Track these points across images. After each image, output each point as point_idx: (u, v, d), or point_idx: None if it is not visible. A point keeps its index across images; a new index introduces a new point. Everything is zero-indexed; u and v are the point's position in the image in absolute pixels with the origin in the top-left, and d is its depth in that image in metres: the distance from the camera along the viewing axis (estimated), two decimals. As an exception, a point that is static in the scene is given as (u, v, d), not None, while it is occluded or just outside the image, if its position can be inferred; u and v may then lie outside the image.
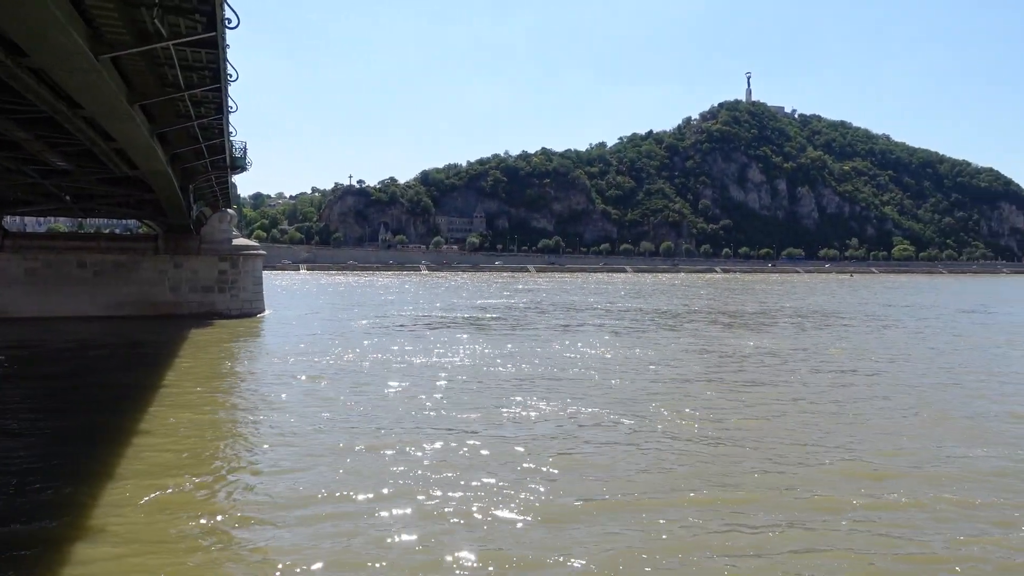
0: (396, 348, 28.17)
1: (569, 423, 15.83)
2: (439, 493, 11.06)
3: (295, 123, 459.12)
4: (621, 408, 17.24)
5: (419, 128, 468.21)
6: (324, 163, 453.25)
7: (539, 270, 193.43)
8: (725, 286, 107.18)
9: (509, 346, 29.24)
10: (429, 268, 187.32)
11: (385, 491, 11.06)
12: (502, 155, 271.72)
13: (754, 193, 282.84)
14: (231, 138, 31.96)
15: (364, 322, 39.98)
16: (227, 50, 17.81)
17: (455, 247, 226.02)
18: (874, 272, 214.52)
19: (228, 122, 27.18)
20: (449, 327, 37.61)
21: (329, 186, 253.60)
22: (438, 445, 13.65)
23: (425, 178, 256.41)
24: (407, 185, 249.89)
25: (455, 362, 24.55)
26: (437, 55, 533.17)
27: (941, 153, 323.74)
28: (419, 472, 12.01)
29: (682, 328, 38.72)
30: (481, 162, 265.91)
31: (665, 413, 16.78)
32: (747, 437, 14.70)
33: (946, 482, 12.09)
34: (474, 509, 10.43)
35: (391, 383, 20.19)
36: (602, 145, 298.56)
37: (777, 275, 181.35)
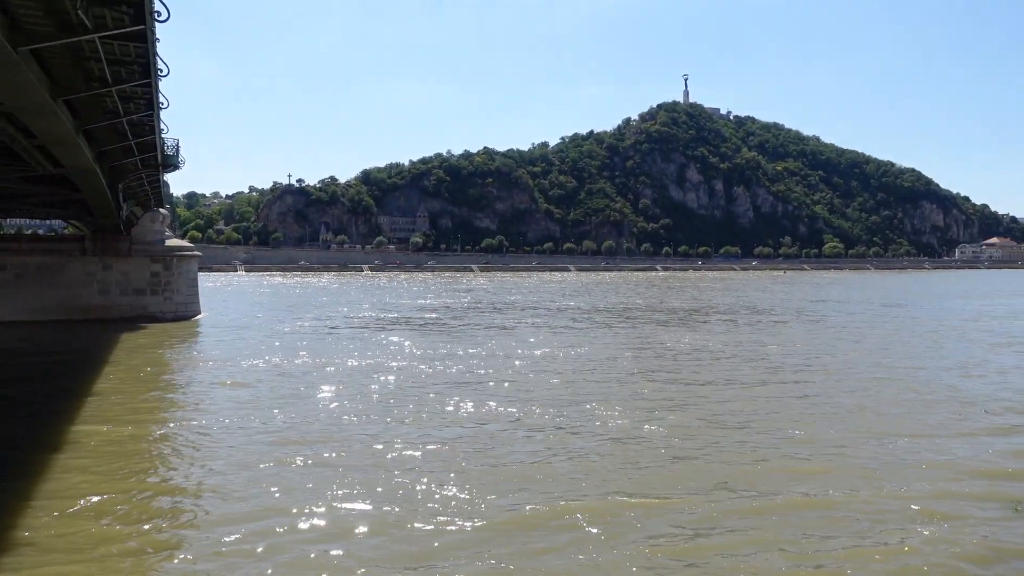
0: (331, 351, 27.79)
1: (500, 424, 15.70)
2: (365, 500, 10.76)
3: (231, 121, 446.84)
4: (554, 407, 17.25)
5: (360, 127, 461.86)
6: (262, 162, 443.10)
7: (483, 269, 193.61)
8: (664, 284, 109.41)
9: (444, 347, 29.09)
10: (372, 268, 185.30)
11: (311, 501, 10.68)
12: (444, 154, 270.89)
13: (692, 193, 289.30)
14: (163, 135, 31.07)
15: (301, 324, 39.39)
16: (157, 44, 17.38)
17: (398, 247, 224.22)
18: (806, 269, 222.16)
19: (159, 118, 26.46)
20: (386, 328, 37.27)
21: (267, 185, 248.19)
22: (367, 450, 13.41)
23: (367, 177, 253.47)
24: (348, 184, 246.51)
25: (388, 364, 24.30)
26: (377, 53, 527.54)
27: (868, 154, 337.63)
28: (346, 479, 11.71)
29: (618, 326, 39.29)
30: (423, 161, 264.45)
31: (599, 411, 16.95)
32: (679, 435, 14.92)
33: (879, 477, 12.35)
34: (402, 515, 10.21)
35: (324, 387, 19.87)
36: (544, 145, 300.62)
37: (714, 273, 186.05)
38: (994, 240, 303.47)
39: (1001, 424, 16.02)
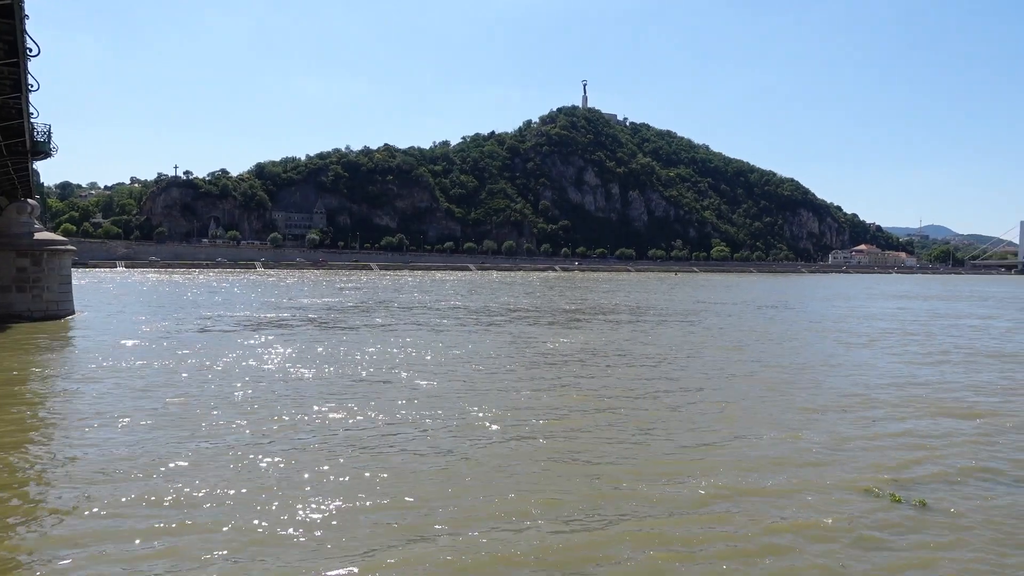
0: (205, 353, 26.54)
1: (370, 428, 15.28)
2: (232, 514, 10.23)
3: (113, 107, 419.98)
4: (425, 409, 17.01)
5: (253, 118, 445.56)
6: (145, 152, 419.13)
7: (382, 268, 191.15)
8: (559, 284, 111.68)
9: (319, 348, 28.25)
10: (265, 266, 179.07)
11: (163, 517, 10.08)
12: (343, 149, 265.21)
13: (590, 196, 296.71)
14: (32, 120, 29.22)
15: (174, 324, 37.69)
16: (26, 21, 16.47)
17: (294, 244, 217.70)
18: (696, 271, 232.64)
19: (28, 102, 24.94)
20: (262, 329, 35.96)
21: (151, 176, 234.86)
22: (230, 460, 12.73)
23: (260, 171, 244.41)
24: (240, 178, 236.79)
25: (260, 366, 23.37)
26: (272, 43, 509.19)
27: (752, 164, 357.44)
28: (208, 491, 11.08)
29: (504, 326, 39.53)
30: (321, 156, 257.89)
31: (471, 412, 16.91)
32: (554, 435, 15.06)
33: (745, 469, 12.97)
34: (265, 525, 9.85)
35: (191, 391, 18.95)
36: (446, 144, 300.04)
37: (609, 273, 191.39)
38: (862, 247, 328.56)
39: (858, 417, 17.13)
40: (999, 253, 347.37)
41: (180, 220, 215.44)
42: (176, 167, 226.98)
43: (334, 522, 10.15)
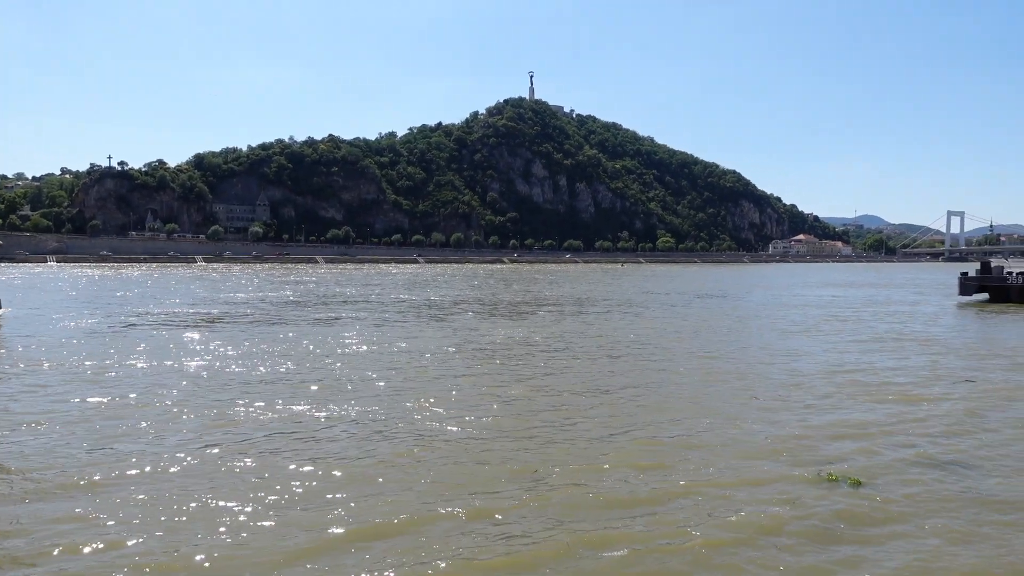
0: (130, 350, 25.42)
1: (298, 424, 14.87)
2: (146, 518, 9.80)
3: (42, 94, 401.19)
4: (361, 405, 16.66)
5: (191, 108, 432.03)
6: (77, 141, 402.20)
7: (328, 261, 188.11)
8: (506, 276, 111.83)
9: (251, 344, 27.40)
10: (206, 260, 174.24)
11: (75, 526, 9.62)
12: (287, 140, 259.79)
13: (538, 187, 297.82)
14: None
15: (103, 321, 36.28)
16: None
17: (236, 237, 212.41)
18: (642, 262, 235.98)
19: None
20: (197, 325, 34.85)
21: (84, 167, 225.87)
22: (149, 462, 12.19)
23: (200, 162, 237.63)
24: (179, 169, 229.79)
25: (186, 364, 22.47)
26: (211, 29, 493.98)
27: (696, 156, 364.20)
28: (123, 499, 10.55)
29: (446, 319, 39.19)
30: (263, 147, 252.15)
31: (409, 407, 16.62)
32: (492, 429, 14.90)
33: (685, 458, 13.26)
34: (179, 532, 9.46)
35: (113, 391, 18.15)
36: (392, 135, 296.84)
37: (557, 265, 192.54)
38: (801, 237, 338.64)
39: (795, 404, 17.46)
40: (928, 241, 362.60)
41: (115, 213, 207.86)
42: (110, 157, 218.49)
43: (261, 523, 9.80)
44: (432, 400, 17.47)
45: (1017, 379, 21.56)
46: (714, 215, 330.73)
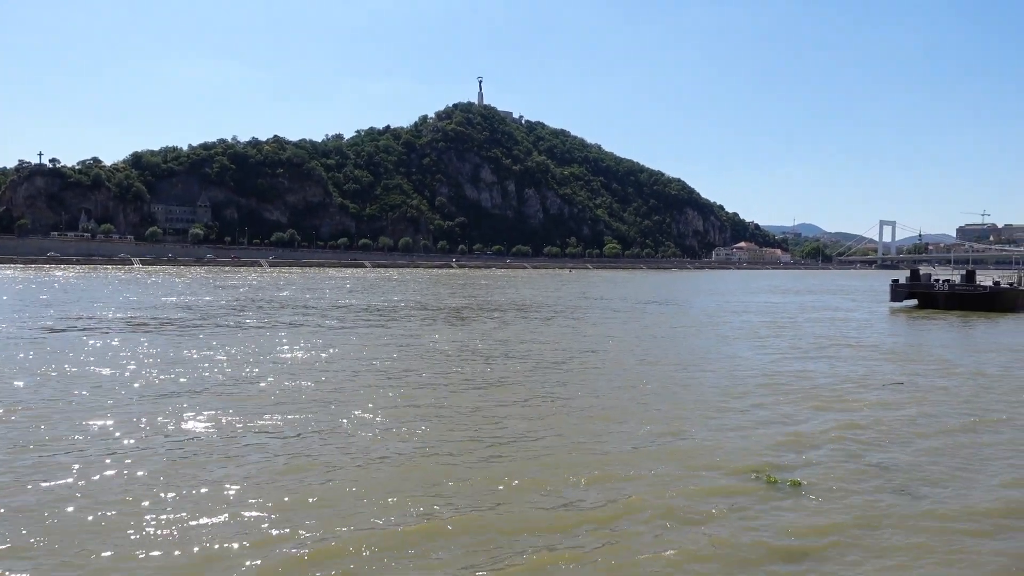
0: (46, 357, 24.10)
1: (224, 434, 14.28)
2: (57, 536, 9.24)
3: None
4: (288, 414, 16.02)
5: (128, 105, 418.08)
6: (3, 137, 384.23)
7: (272, 264, 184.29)
8: (453, 281, 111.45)
9: (178, 350, 26.26)
10: (143, 262, 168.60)
11: None
12: (230, 140, 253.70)
13: (487, 193, 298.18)
14: None
15: (26, 325, 34.64)
16: None
17: (175, 239, 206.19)
18: (589, 268, 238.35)
19: None
20: (122, 329, 33.21)
21: (11, 164, 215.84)
22: (62, 475, 11.57)
23: (137, 161, 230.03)
24: (115, 168, 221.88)
25: (105, 371, 21.25)
26: (149, 23, 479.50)
27: (642, 164, 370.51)
28: (26, 515, 9.94)
29: (387, 324, 38.45)
30: (205, 147, 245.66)
31: (340, 415, 16.17)
32: (427, 436, 14.67)
33: (623, 462, 13.32)
34: (92, 549, 8.99)
35: (21, 400, 17.17)
36: (339, 137, 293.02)
37: (506, 270, 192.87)
38: (743, 244, 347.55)
39: (733, 408, 17.78)
40: (862, 250, 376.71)
41: (46, 212, 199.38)
42: (40, 154, 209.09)
43: (178, 538, 9.40)
44: (364, 410, 16.83)
45: (944, 383, 22.47)
46: (660, 222, 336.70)
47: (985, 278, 68.00)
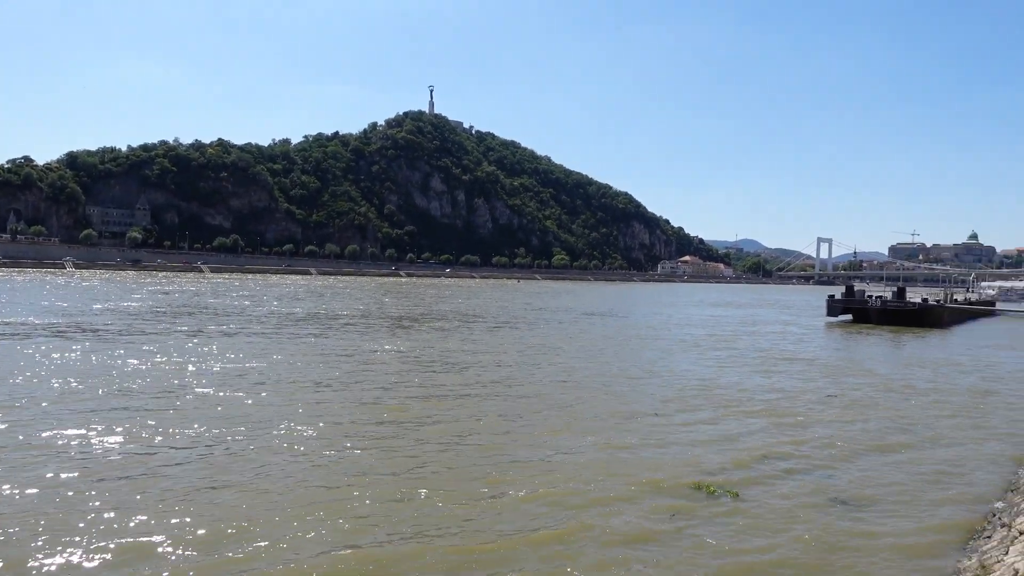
0: None
1: (144, 448, 13.64)
2: None
3: None
4: (217, 427, 15.40)
5: (64, 102, 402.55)
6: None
7: (214, 271, 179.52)
8: (400, 290, 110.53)
9: (98, 359, 24.90)
10: (77, 265, 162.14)
11: None
12: (171, 142, 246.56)
13: (436, 202, 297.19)
14: None
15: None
16: None
17: (112, 243, 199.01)
18: (537, 278, 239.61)
19: None
20: (38, 337, 31.19)
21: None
22: None
23: (73, 161, 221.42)
24: (48, 167, 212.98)
25: (12, 383, 19.90)
26: (86, 18, 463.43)
27: (591, 176, 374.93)
28: None
29: (326, 333, 37.71)
30: (146, 148, 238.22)
31: (271, 427, 15.70)
32: (364, 449, 14.34)
33: (562, 471, 13.40)
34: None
35: None
36: (286, 142, 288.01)
37: (454, 280, 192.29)
38: (687, 258, 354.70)
39: (673, 420, 18.14)
40: (800, 265, 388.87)
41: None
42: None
43: (79, 565, 8.92)
44: (297, 422, 16.24)
45: (874, 395, 23.35)
46: (607, 235, 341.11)
47: (915, 295, 71.09)
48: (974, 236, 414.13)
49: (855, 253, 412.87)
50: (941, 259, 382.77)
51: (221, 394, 19.35)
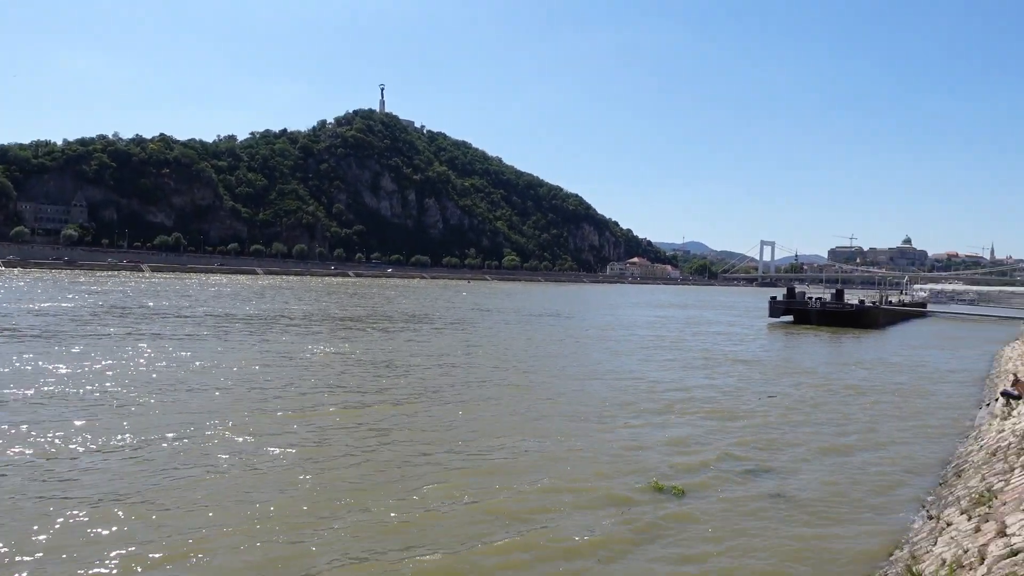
0: None
1: (65, 458, 12.99)
2: None
3: None
4: (143, 434, 14.78)
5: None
6: None
7: (156, 270, 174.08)
8: (347, 290, 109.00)
9: (20, 361, 23.85)
10: (7, 264, 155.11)
11: None
12: (110, 137, 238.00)
13: (386, 201, 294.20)
14: None
15: None
16: None
17: (46, 240, 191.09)
18: (488, 279, 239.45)
19: None
20: None
21: None
22: None
23: (3, 154, 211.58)
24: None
25: None
26: (17, 5, 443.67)
27: (541, 178, 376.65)
28: None
29: (264, 335, 36.60)
30: (83, 142, 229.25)
31: (201, 433, 15.16)
32: (296, 455, 13.97)
33: (518, 472, 13.46)
34: None
35: None
36: (232, 138, 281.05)
37: (404, 280, 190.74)
38: (635, 260, 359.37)
39: (620, 421, 18.39)
40: (744, 267, 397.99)
41: None
42: None
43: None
44: (227, 426, 15.72)
45: (814, 395, 24.09)
46: (557, 236, 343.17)
47: (852, 297, 73.73)
48: (908, 240, 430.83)
49: (796, 256, 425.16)
50: (877, 262, 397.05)
51: (147, 399, 18.47)
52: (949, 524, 9.82)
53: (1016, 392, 18.60)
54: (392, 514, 10.93)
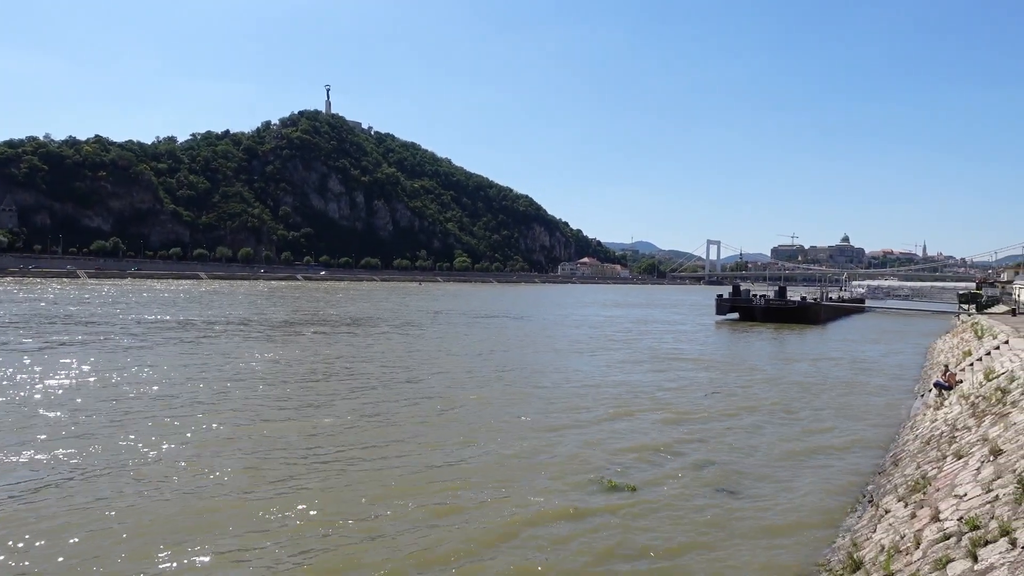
0: None
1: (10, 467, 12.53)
2: None
3: None
4: (64, 447, 14.09)
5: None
6: None
7: (93, 276, 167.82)
8: (294, 294, 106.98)
9: None
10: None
11: None
12: (42, 138, 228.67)
13: (334, 203, 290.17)
14: None
15: None
16: None
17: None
18: (439, 281, 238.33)
19: None
20: None
21: None
22: None
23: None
24: None
25: None
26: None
27: (491, 179, 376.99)
28: None
29: (198, 341, 35.39)
30: (11, 144, 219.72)
31: (129, 447, 14.51)
32: (239, 465, 13.56)
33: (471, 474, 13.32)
34: None
35: None
36: (172, 140, 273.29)
37: (353, 283, 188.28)
38: (586, 260, 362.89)
39: (569, 419, 18.48)
40: (691, 266, 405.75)
41: None
42: None
43: None
44: (158, 438, 15.12)
45: (756, 392, 24.61)
46: (508, 237, 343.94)
47: (794, 294, 75.85)
48: (846, 239, 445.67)
49: (741, 254, 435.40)
50: (818, 260, 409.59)
51: (68, 412, 17.52)
52: (887, 511, 10.10)
53: (947, 383, 19.35)
54: (326, 532, 10.35)
